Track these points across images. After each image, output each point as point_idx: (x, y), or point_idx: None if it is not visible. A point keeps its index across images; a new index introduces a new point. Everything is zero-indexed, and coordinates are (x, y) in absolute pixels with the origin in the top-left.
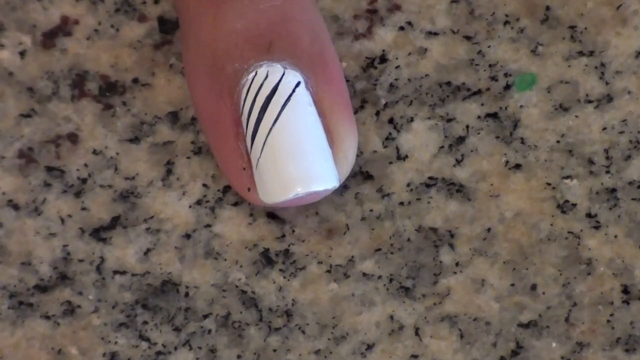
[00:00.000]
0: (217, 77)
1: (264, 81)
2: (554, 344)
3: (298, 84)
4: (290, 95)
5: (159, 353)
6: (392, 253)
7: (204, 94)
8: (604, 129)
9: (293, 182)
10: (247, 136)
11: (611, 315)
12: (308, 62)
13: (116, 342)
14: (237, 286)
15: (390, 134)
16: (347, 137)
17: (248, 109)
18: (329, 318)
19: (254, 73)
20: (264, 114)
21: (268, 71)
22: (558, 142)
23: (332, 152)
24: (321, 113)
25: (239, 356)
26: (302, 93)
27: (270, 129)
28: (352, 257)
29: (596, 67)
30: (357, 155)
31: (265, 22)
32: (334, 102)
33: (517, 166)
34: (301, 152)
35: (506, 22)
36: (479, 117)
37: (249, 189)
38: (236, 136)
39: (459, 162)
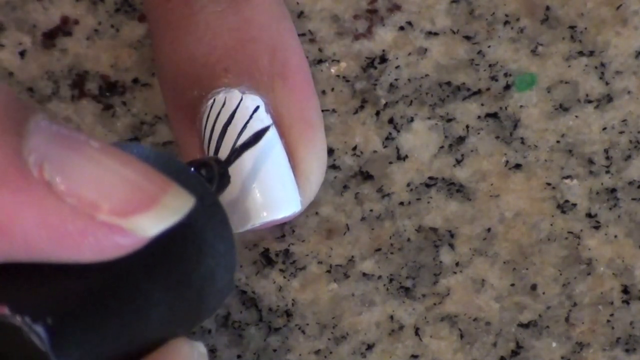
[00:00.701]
0: (179, 102)
1: (221, 108)
2: (554, 344)
3: (256, 108)
4: (248, 121)
5: None
6: (392, 253)
7: (171, 117)
8: (604, 129)
9: (249, 211)
10: None
11: (611, 315)
12: (268, 83)
13: None
14: (237, 286)
15: (390, 134)
16: (307, 157)
17: (208, 137)
18: (329, 318)
19: (212, 100)
20: (222, 141)
21: (226, 97)
22: (558, 142)
23: (294, 174)
24: (281, 134)
25: (239, 356)
26: (261, 117)
27: None
28: (352, 257)
29: (596, 67)
30: (357, 155)
31: (222, 47)
32: (294, 121)
33: (517, 166)
34: (258, 180)
35: (506, 22)
36: (479, 117)
37: None
38: None
39: (459, 162)
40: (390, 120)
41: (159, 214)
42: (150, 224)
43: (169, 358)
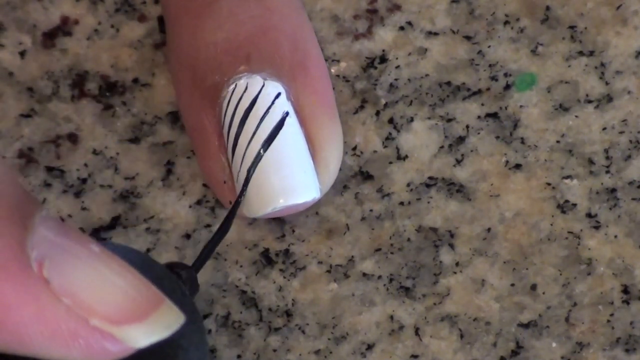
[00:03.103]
0: (198, 88)
1: (243, 93)
2: (554, 344)
3: (278, 95)
4: (270, 107)
5: None
6: (392, 253)
7: (187, 104)
8: (604, 129)
9: (270, 196)
10: (228, 149)
11: (611, 315)
12: (289, 71)
13: None
14: (237, 286)
15: (390, 134)
16: (327, 146)
17: (228, 122)
18: (329, 318)
19: (233, 85)
20: (243, 127)
21: (247, 83)
22: (558, 142)
23: (313, 161)
24: (302, 122)
25: (239, 356)
26: (282, 104)
27: (249, 141)
28: (352, 257)
29: (596, 67)
30: (357, 155)
31: (245, 33)
32: (315, 110)
33: (517, 166)
34: (279, 164)
35: (506, 22)
36: (479, 117)
37: (230, 202)
38: (218, 148)
39: (459, 162)
40: (390, 120)
41: (150, 327)
42: (141, 336)
43: None
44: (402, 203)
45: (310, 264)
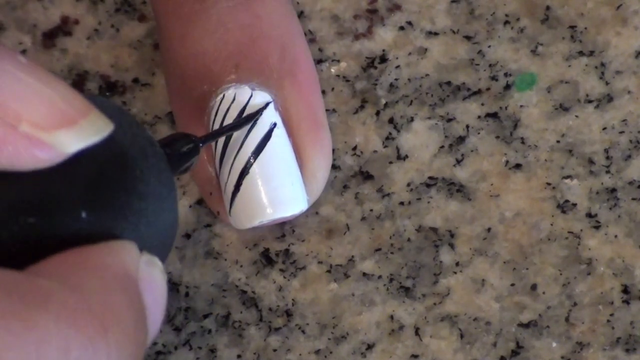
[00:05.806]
0: (187, 97)
1: (231, 104)
2: (554, 344)
3: (266, 105)
4: (258, 118)
5: (159, 353)
6: (392, 253)
7: (177, 111)
8: (604, 129)
9: (258, 208)
10: (216, 160)
11: (611, 315)
12: (277, 80)
13: None
14: (237, 286)
15: (390, 133)
16: (314, 156)
17: None
18: (329, 318)
19: (221, 95)
20: (231, 138)
21: (236, 93)
22: (558, 142)
23: (301, 172)
24: (289, 132)
25: (239, 356)
26: (270, 115)
27: (237, 152)
28: (352, 257)
29: (596, 67)
30: (358, 155)
31: (233, 43)
32: (303, 120)
33: (517, 166)
34: (267, 176)
35: (506, 22)
36: (479, 117)
37: (218, 213)
38: (206, 159)
39: (459, 162)
40: (391, 120)
41: (79, 132)
42: (71, 141)
43: (102, 251)
44: (402, 203)
45: (310, 264)
